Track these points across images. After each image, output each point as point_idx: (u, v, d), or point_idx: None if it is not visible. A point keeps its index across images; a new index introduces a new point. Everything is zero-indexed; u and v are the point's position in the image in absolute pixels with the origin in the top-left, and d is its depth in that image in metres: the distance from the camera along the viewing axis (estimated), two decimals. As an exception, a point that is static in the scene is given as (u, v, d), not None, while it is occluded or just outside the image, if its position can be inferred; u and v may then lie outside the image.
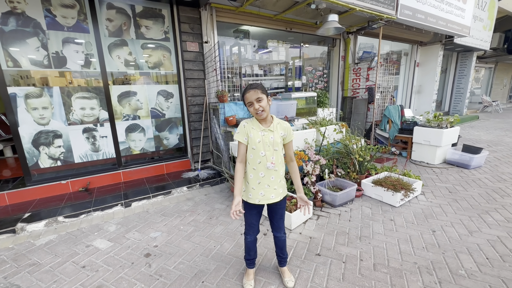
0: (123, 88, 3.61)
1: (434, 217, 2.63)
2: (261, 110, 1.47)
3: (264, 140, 1.53)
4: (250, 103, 1.48)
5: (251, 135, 1.52)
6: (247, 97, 1.48)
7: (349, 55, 5.96)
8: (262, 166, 1.54)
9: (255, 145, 1.52)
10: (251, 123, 1.55)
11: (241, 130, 1.54)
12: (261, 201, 1.59)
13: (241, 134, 1.54)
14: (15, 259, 2.12)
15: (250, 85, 1.49)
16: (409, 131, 4.77)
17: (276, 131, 1.56)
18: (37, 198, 3.16)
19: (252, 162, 1.55)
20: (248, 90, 1.48)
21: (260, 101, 1.47)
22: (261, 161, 1.54)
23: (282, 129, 1.59)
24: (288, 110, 3.95)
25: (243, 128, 1.54)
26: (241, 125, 1.55)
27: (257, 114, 1.49)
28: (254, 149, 1.53)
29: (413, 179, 3.22)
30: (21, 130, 3.08)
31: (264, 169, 1.55)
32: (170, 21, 3.79)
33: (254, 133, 1.52)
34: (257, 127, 1.53)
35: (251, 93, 1.46)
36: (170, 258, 2.10)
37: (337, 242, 2.25)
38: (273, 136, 1.54)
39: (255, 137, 1.52)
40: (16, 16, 2.87)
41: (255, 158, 1.54)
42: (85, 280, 1.88)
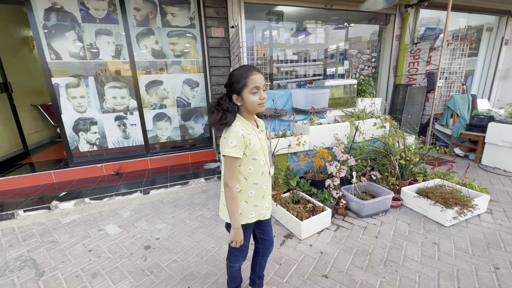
0: (150, 77, 3.68)
1: (500, 247, 1.95)
2: (265, 101, 1.17)
3: (263, 144, 1.24)
4: (257, 88, 1.12)
5: (250, 143, 1.15)
6: (255, 80, 1.11)
7: (406, 34, 4.95)
8: (265, 176, 1.26)
9: (256, 154, 1.19)
10: (245, 128, 1.17)
11: (239, 141, 1.11)
12: (266, 215, 1.33)
13: (239, 147, 1.12)
14: (41, 234, 2.36)
15: (253, 67, 1.14)
16: (481, 127, 3.74)
17: (264, 130, 1.31)
18: (76, 179, 3.52)
19: (252, 176, 1.22)
20: (255, 71, 1.12)
21: (264, 90, 1.17)
22: (263, 171, 1.25)
23: (263, 126, 1.33)
24: (318, 100, 3.47)
25: (241, 138, 1.11)
26: (237, 133, 1.11)
27: (260, 105, 1.15)
28: (256, 160, 1.20)
29: (476, 191, 2.47)
30: (64, 117, 3.42)
31: (267, 179, 1.29)
32: (196, 7, 3.66)
33: (253, 139, 1.17)
34: (251, 130, 1.20)
35: (259, 76, 1.12)
36: (167, 254, 2.04)
37: (353, 264, 1.84)
38: (266, 137, 1.30)
39: (255, 144, 1.17)
40: (56, 12, 3.12)
41: (257, 170, 1.22)
42: (86, 264, 1.95)
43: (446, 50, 4.25)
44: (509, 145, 3.33)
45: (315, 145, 2.91)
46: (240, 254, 1.38)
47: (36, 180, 3.38)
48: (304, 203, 2.39)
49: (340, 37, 5.11)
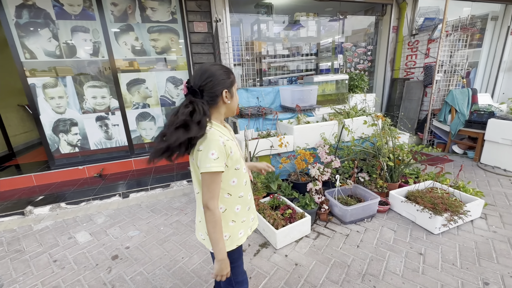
0: (131, 75, 3.54)
1: (492, 259, 1.79)
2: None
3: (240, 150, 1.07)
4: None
5: (231, 152, 0.96)
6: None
7: (404, 25, 4.69)
8: (248, 185, 1.10)
9: (238, 163, 1.01)
10: (224, 134, 0.98)
11: (221, 150, 0.91)
12: (252, 227, 1.17)
13: (222, 158, 0.91)
14: (9, 243, 2.27)
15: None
16: (480, 124, 3.52)
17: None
18: (57, 181, 3.43)
19: (236, 189, 1.04)
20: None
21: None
22: (246, 180, 1.08)
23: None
24: (306, 97, 3.30)
25: (223, 147, 0.91)
26: (217, 141, 0.90)
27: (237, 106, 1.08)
28: (238, 169, 1.02)
29: (469, 195, 2.29)
30: (42, 118, 3.32)
31: (250, 189, 1.14)
32: (177, 0, 3.48)
33: (233, 147, 0.99)
34: (230, 136, 1.03)
35: None
36: (133, 265, 1.93)
37: (328, 278, 1.70)
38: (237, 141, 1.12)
39: (236, 152, 1.00)
40: (28, 8, 2.98)
41: (241, 181, 1.04)
42: (48, 277, 1.85)
43: (445, 41, 4.00)
44: (510, 143, 3.11)
45: (298, 146, 2.75)
46: (242, 285, 1.14)
47: (16, 184, 3.30)
48: (284, 208, 2.24)
49: (335, 29, 4.88)
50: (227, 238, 1.05)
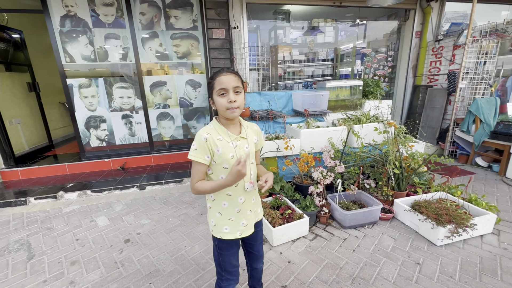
0: (154, 78, 3.85)
1: (496, 275, 1.71)
2: (236, 106, 1.03)
3: (239, 153, 1.09)
4: (224, 90, 1.01)
5: (218, 150, 1.05)
6: (222, 81, 1.01)
7: (428, 30, 4.52)
8: (240, 189, 1.12)
9: (227, 163, 1.07)
10: (215, 133, 1.07)
11: (200, 144, 1.03)
12: (244, 233, 1.18)
13: (200, 150, 1.04)
14: (43, 221, 2.62)
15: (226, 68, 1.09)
16: (507, 136, 3.29)
17: (249, 138, 1.15)
18: (86, 171, 3.83)
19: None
20: (223, 73, 1.03)
21: (237, 93, 1.04)
22: (238, 183, 1.10)
23: (255, 133, 1.19)
24: (317, 102, 3.35)
25: (203, 142, 1.03)
26: (200, 136, 1.04)
27: (230, 110, 1.03)
28: (227, 169, 1.08)
29: (481, 208, 2.19)
30: (77, 115, 3.74)
31: (243, 193, 1.14)
32: (198, 9, 3.74)
33: (224, 146, 1.06)
34: (225, 136, 1.08)
35: (228, 77, 1.02)
36: (141, 248, 2.13)
37: (318, 277, 1.75)
38: (247, 145, 1.13)
39: (226, 151, 1.06)
40: (70, 18, 3.40)
41: None
42: (70, 252, 2.12)
43: (471, 47, 3.80)
44: (539, 157, 2.88)
45: (303, 149, 2.81)
46: (231, 276, 1.23)
47: (52, 171, 3.74)
48: (284, 208, 2.32)
49: (355, 35, 4.85)
50: (214, 225, 1.18)
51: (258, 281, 1.45)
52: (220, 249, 1.19)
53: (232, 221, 1.15)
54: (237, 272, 1.25)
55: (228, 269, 1.21)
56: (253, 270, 1.40)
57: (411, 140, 3.21)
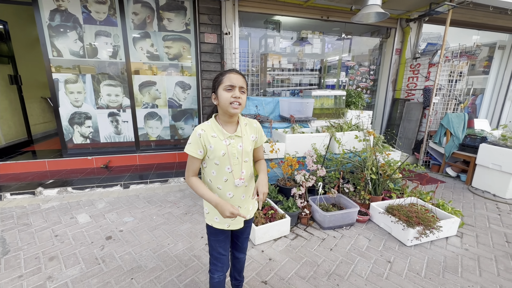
0: (144, 78, 3.87)
1: (456, 273, 1.87)
2: (238, 103, 1.11)
3: (231, 151, 1.16)
4: (231, 86, 1.10)
5: (211, 146, 1.14)
6: (231, 78, 1.11)
7: (407, 48, 4.87)
8: (229, 184, 1.20)
9: (218, 160, 1.15)
10: (210, 130, 1.16)
11: (194, 140, 1.14)
12: (231, 226, 1.27)
13: (194, 145, 1.14)
14: (19, 217, 2.54)
15: (235, 70, 1.17)
16: (473, 148, 3.59)
17: (245, 136, 1.21)
18: (67, 168, 3.73)
19: (215, 180, 1.20)
20: (233, 72, 1.13)
21: (242, 93, 1.13)
22: (227, 179, 1.19)
23: (253, 131, 1.25)
24: (303, 109, 3.50)
25: (197, 138, 1.13)
26: (195, 133, 1.14)
27: (232, 105, 1.11)
28: (218, 165, 1.17)
29: (447, 213, 2.38)
30: (61, 110, 3.66)
31: (233, 188, 1.21)
32: (191, 13, 3.83)
33: (216, 143, 1.14)
34: (219, 133, 1.16)
35: (237, 77, 1.12)
36: (124, 245, 2.13)
37: (297, 273, 1.84)
38: (242, 144, 1.19)
39: (218, 149, 1.14)
40: (60, 13, 3.38)
41: (220, 175, 1.18)
42: (48, 248, 2.08)
43: (444, 66, 4.14)
44: (499, 168, 3.17)
45: (288, 153, 2.93)
46: (217, 262, 1.31)
47: (31, 167, 3.62)
48: (267, 209, 2.41)
49: (341, 48, 5.11)
50: (207, 212, 1.28)
51: (239, 272, 1.52)
52: (209, 234, 1.31)
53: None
54: (223, 260, 1.32)
55: (214, 254, 1.30)
56: (235, 260, 1.48)
57: (388, 149, 3.42)
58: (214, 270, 1.32)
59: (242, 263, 1.50)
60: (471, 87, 5.98)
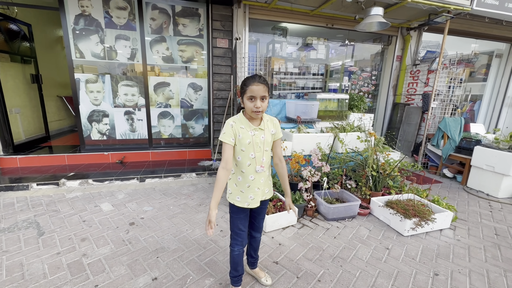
0: (159, 79, 4.11)
1: (448, 259, 2.08)
2: (260, 110, 1.32)
3: (255, 140, 1.39)
4: (253, 97, 1.30)
5: (239, 135, 1.36)
6: (253, 90, 1.28)
7: (407, 55, 5.11)
8: (251, 168, 1.42)
9: (244, 147, 1.38)
10: (239, 122, 1.39)
11: (228, 130, 1.36)
12: (250, 204, 1.47)
13: (228, 134, 1.35)
14: (48, 204, 2.76)
15: (259, 77, 1.30)
16: (468, 150, 3.81)
17: (267, 129, 1.43)
18: (85, 163, 3.96)
19: (240, 164, 1.42)
20: (255, 82, 1.29)
21: (263, 100, 1.32)
22: (250, 164, 1.41)
23: (273, 126, 1.47)
24: (308, 111, 3.73)
25: (230, 128, 1.36)
26: (228, 124, 1.37)
27: (254, 112, 1.33)
28: (244, 151, 1.39)
29: (442, 207, 2.59)
30: (81, 108, 3.90)
31: (254, 172, 1.43)
32: (205, 19, 4.09)
33: (244, 133, 1.37)
34: (246, 126, 1.38)
35: (260, 88, 1.29)
36: (146, 230, 2.34)
37: (304, 256, 2.05)
38: (264, 135, 1.41)
39: (245, 138, 1.37)
40: (84, 17, 3.63)
41: (244, 161, 1.40)
42: (78, 231, 2.29)
43: (442, 73, 4.37)
44: (492, 169, 3.38)
45: (295, 150, 3.15)
46: (237, 237, 1.52)
47: (51, 161, 3.85)
48: (276, 201, 2.62)
49: (344, 54, 5.36)
50: (230, 192, 1.51)
51: (255, 250, 1.74)
52: (231, 212, 1.53)
53: (243, 193, 1.46)
54: (242, 235, 1.54)
55: (235, 230, 1.53)
56: (252, 239, 1.69)
57: (388, 149, 3.64)
58: (234, 244, 1.55)
59: (258, 242, 1.72)
60: (469, 93, 6.20)
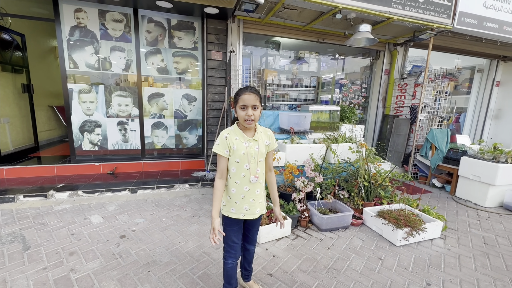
0: (153, 90, 4.13)
1: (439, 268, 2.11)
2: (251, 119, 1.34)
3: (249, 151, 1.39)
4: (244, 106, 1.33)
5: (234, 147, 1.37)
6: (244, 99, 1.33)
7: (395, 69, 5.33)
8: (246, 180, 1.42)
9: (239, 158, 1.39)
10: (233, 133, 1.40)
11: (222, 141, 1.37)
12: (245, 215, 1.46)
13: (221, 146, 1.37)
14: (34, 217, 2.67)
15: (250, 88, 1.35)
16: (455, 161, 3.93)
17: (260, 140, 1.44)
18: (75, 174, 3.88)
19: (234, 176, 1.42)
20: (247, 92, 1.34)
21: (255, 109, 1.35)
22: (245, 175, 1.41)
23: (266, 137, 1.48)
24: (301, 122, 3.80)
25: (224, 139, 1.37)
26: (222, 135, 1.38)
27: (246, 121, 1.35)
28: (238, 162, 1.39)
29: (432, 217, 2.65)
30: (73, 118, 3.86)
31: (248, 183, 1.43)
32: (200, 33, 4.18)
33: (238, 145, 1.38)
34: (241, 137, 1.40)
35: (251, 97, 1.33)
36: (138, 243, 2.29)
37: (298, 267, 2.04)
38: (258, 147, 1.42)
39: (239, 149, 1.38)
40: (80, 29, 3.67)
41: (239, 172, 1.41)
42: (66, 245, 2.22)
43: (427, 86, 4.56)
44: (479, 179, 3.49)
45: (288, 161, 3.19)
46: (230, 249, 1.51)
47: (39, 172, 3.75)
48: (270, 212, 2.62)
49: (335, 67, 5.54)
50: (224, 204, 1.50)
51: (249, 263, 1.72)
52: (225, 224, 1.52)
53: (238, 204, 1.46)
54: (236, 248, 1.53)
55: (228, 242, 1.51)
56: (246, 251, 1.68)
57: (379, 160, 3.72)
58: (227, 256, 1.53)
59: (251, 254, 1.71)
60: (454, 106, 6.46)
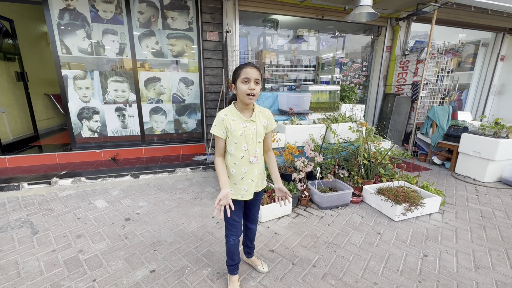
0: (149, 74, 4.05)
1: (436, 241, 2.17)
2: (253, 94, 1.30)
3: (247, 132, 1.38)
4: (247, 79, 1.28)
5: (231, 128, 1.36)
6: (247, 72, 1.28)
7: (397, 46, 5.17)
8: (245, 160, 1.42)
9: (236, 139, 1.38)
10: (230, 114, 1.38)
11: (218, 122, 1.36)
12: (244, 196, 1.48)
13: (218, 127, 1.37)
14: (40, 203, 2.73)
15: (252, 63, 1.33)
16: (456, 138, 3.92)
17: (258, 121, 1.42)
18: (77, 161, 3.91)
19: (233, 157, 1.42)
20: (250, 66, 1.30)
21: (257, 84, 1.31)
22: (243, 156, 1.41)
23: (265, 118, 1.46)
24: (300, 103, 3.75)
25: (221, 121, 1.36)
26: (219, 117, 1.37)
27: (248, 96, 1.30)
28: (236, 143, 1.39)
29: (430, 193, 2.68)
30: (70, 105, 3.82)
31: (247, 164, 1.43)
32: (194, 12, 4.03)
33: (235, 126, 1.37)
34: (238, 118, 1.38)
35: (252, 70, 1.29)
36: (142, 225, 2.35)
37: (299, 243, 2.10)
38: (256, 127, 1.40)
39: (237, 130, 1.37)
40: (69, 12, 3.53)
41: (237, 153, 1.40)
42: (73, 228, 2.28)
43: (430, 62, 4.45)
44: (478, 155, 3.50)
45: (288, 142, 3.18)
46: (232, 228, 1.54)
47: (41, 160, 3.78)
48: (271, 192, 2.66)
49: (335, 45, 5.38)
50: None
51: (251, 241, 1.77)
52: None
53: (236, 185, 1.47)
54: (237, 226, 1.56)
55: (229, 221, 1.54)
56: (248, 230, 1.72)
57: (379, 139, 3.71)
58: (229, 234, 1.57)
59: (253, 232, 1.75)
60: (457, 83, 6.33)
